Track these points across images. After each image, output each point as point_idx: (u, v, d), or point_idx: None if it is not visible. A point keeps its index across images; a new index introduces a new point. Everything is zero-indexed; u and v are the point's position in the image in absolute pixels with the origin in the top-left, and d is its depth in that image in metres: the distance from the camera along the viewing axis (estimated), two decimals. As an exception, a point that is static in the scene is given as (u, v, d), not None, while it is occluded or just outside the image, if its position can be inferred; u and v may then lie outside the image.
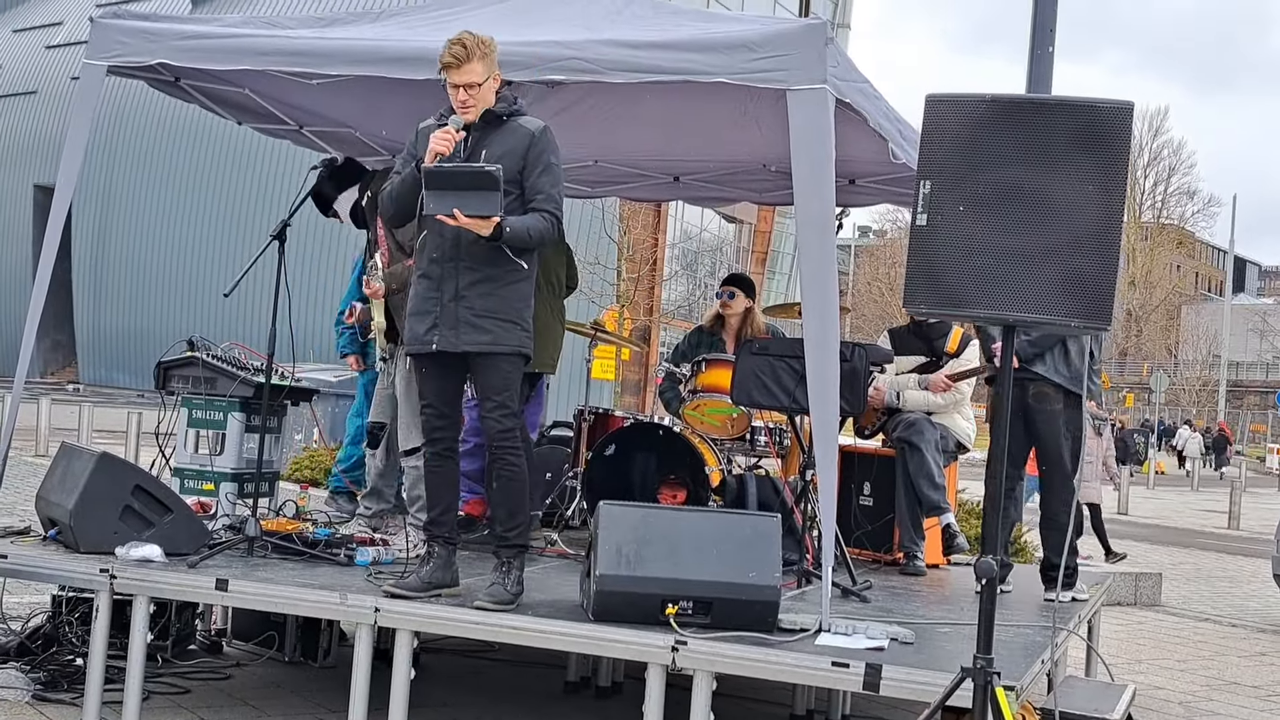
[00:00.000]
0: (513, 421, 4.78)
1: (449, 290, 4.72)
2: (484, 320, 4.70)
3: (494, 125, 4.78)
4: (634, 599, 4.47)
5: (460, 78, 4.69)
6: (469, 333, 4.70)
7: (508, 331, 4.73)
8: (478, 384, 4.82)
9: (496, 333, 4.71)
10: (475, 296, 4.70)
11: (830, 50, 4.83)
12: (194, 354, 6.05)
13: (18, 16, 51.94)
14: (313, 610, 4.98)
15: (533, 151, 4.73)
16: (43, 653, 5.48)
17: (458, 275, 4.71)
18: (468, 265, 4.70)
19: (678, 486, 6.67)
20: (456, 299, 4.71)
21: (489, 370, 4.75)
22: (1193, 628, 10.18)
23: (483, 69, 4.70)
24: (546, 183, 4.73)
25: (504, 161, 4.68)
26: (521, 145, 4.74)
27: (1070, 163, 3.60)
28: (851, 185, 7.44)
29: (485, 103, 4.75)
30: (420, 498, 5.57)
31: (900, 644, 4.51)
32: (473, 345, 4.70)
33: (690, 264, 39.61)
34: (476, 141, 4.76)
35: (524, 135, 4.75)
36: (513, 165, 4.71)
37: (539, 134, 4.77)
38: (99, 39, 5.70)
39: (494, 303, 4.71)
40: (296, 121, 7.22)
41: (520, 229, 4.65)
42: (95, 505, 5.16)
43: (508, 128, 4.78)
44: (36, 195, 45.63)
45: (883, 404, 6.99)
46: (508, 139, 4.75)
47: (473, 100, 4.72)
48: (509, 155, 4.71)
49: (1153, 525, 20.81)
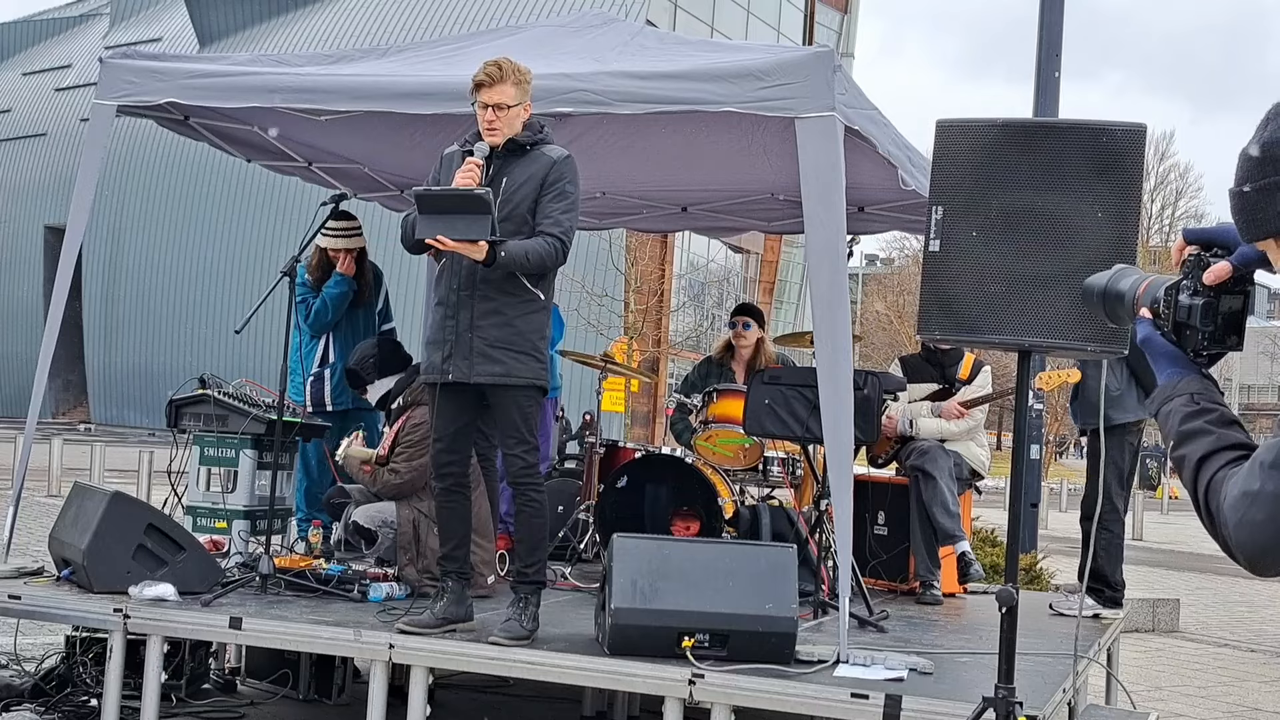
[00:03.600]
0: (534, 457, 4.74)
1: (464, 320, 4.67)
2: (497, 351, 4.65)
3: (517, 154, 4.75)
4: (650, 632, 4.43)
5: (490, 97, 4.65)
6: (482, 364, 4.65)
7: (521, 363, 4.68)
8: (496, 420, 4.79)
9: (509, 364, 4.66)
10: (489, 327, 4.66)
11: (838, 78, 4.83)
12: (206, 392, 6.03)
13: (27, 59, 52.36)
14: (327, 647, 4.95)
15: (549, 177, 4.69)
16: (57, 694, 5.45)
17: (473, 304, 4.66)
18: (482, 294, 4.66)
19: (691, 518, 6.63)
20: (471, 329, 4.66)
21: (505, 405, 4.72)
22: (1212, 653, 10.09)
23: (515, 93, 4.67)
24: (556, 208, 4.68)
25: (523, 189, 4.67)
26: (541, 172, 4.70)
27: (1083, 186, 3.59)
28: (860, 213, 7.44)
29: (512, 129, 4.70)
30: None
31: (919, 674, 4.46)
32: (486, 377, 4.67)
33: (697, 295, 39.66)
34: (499, 170, 4.72)
35: (545, 163, 4.72)
36: (530, 192, 4.68)
37: (559, 161, 4.72)
38: (108, 79, 5.72)
39: (508, 333, 4.66)
40: (305, 158, 7.25)
41: (518, 253, 4.57)
42: (108, 545, 5.15)
43: (530, 156, 4.74)
44: (47, 236, 45.86)
45: (896, 433, 6.96)
46: (529, 166, 4.72)
47: (499, 122, 4.66)
48: (528, 183, 4.69)
49: (1168, 550, 20.68)
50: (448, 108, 5.35)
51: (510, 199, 4.68)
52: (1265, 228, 1.70)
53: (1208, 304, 1.83)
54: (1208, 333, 1.83)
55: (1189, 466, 1.76)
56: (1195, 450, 1.75)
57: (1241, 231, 1.74)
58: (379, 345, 6.30)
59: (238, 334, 5.78)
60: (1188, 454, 1.76)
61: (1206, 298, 1.83)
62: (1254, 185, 1.68)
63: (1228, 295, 1.84)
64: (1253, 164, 1.69)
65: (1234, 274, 1.82)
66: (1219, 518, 1.68)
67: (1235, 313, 1.85)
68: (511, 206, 4.67)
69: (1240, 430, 1.77)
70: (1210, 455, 1.74)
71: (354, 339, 6.95)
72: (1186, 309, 1.84)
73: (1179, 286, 1.86)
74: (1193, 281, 1.84)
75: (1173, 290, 1.86)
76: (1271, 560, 1.64)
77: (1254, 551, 1.65)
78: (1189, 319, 1.84)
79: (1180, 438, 1.78)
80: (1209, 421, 1.77)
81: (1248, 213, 1.71)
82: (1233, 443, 1.74)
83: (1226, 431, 1.76)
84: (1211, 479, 1.71)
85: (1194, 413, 1.79)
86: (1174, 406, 1.81)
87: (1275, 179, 1.66)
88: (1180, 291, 1.85)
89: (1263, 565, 1.65)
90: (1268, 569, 1.65)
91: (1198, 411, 1.79)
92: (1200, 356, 1.85)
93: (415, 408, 5.86)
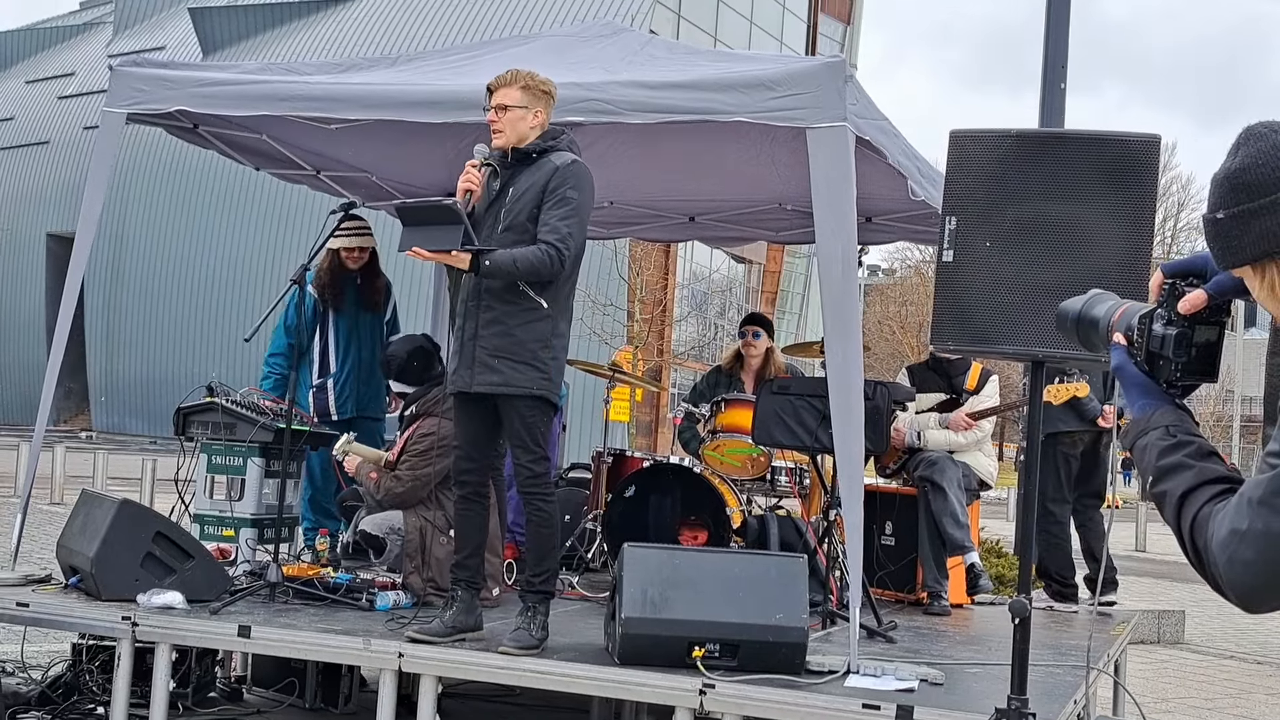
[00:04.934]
0: (540, 466, 4.74)
1: (469, 330, 4.72)
2: (495, 360, 4.66)
3: (524, 163, 4.76)
4: (660, 642, 4.42)
5: (495, 98, 4.71)
6: (482, 373, 4.68)
7: (519, 373, 4.66)
8: (504, 429, 4.81)
9: (507, 374, 4.66)
10: (490, 336, 4.67)
11: (849, 88, 4.83)
12: (213, 400, 6.03)
13: (31, 68, 52.44)
14: (336, 656, 4.94)
15: (551, 184, 4.69)
16: (64, 702, 5.43)
17: (478, 314, 4.70)
18: (486, 305, 4.68)
19: (698, 528, 6.62)
20: (475, 338, 4.69)
21: (509, 414, 4.74)
22: (1218, 665, 10.06)
23: (520, 97, 4.69)
24: (555, 215, 4.65)
25: (525, 196, 4.68)
26: (543, 180, 4.70)
27: (1097, 196, 3.59)
28: (868, 223, 7.43)
29: (515, 133, 4.72)
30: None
31: (930, 685, 4.45)
32: (485, 386, 4.68)
33: (700, 304, 39.66)
34: (506, 180, 4.75)
35: (548, 170, 4.72)
36: (532, 200, 4.68)
37: (562, 168, 4.71)
38: (118, 87, 5.73)
39: (507, 342, 4.66)
40: (314, 166, 7.25)
41: (504, 261, 4.56)
42: (117, 552, 5.14)
43: (537, 164, 4.75)
44: (50, 244, 45.90)
45: (904, 445, 6.95)
46: (533, 175, 4.73)
47: (501, 123, 4.70)
48: (530, 190, 4.70)
49: (1171, 562, 20.63)
50: (456, 117, 5.36)
51: (513, 208, 4.69)
52: (1241, 255, 1.65)
53: (1181, 334, 1.79)
54: (1180, 363, 1.79)
55: (1170, 503, 1.71)
56: (1176, 486, 1.70)
57: (1217, 259, 1.70)
58: (423, 350, 6.22)
59: (247, 342, 5.77)
60: (1169, 490, 1.71)
61: (1180, 327, 1.79)
62: (1227, 212, 1.64)
63: (1203, 325, 1.80)
64: (1225, 190, 1.64)
65: (1210, 303, 1.78)
66: (1207, 556, 1.64)
67: (1210, 344, 1.81)
68: (514, 215, 4.68)
69: (1219, 462, 1.72)
70: (1192, 491, 1.69)
71: (360, 346, 6.94)
72: (1160, 338, 1.80)
73: (1153, 315, 1.82)
74: (1167, 310, 1.80)
75: (1146, 319, 1.81)
76: (1264, 598, 1.60)
77: (1245, 591, 1.61)
78: (1162, 349, 1.79)
79: (1159, 473, 1.73)
80: (1188, 455, 1.72)
81: (1222, 239, 1.66)
82: (1214, 476, 1.69)
83: (1206, 465, 1.71)
84: (1196, 515, 1.66)
85: (1171, 446, 1.74)
86: (1150, 440, 1.76)
87: (1249, 205, 1.61)
88: (1154, 320, 1.81)
89: (1256, 603, 1.61)
90: (1261, 606, 1.61)
91: (1175, 445, 1.74)
92: (1174, 388, 1.81)
93: (424, 418, 5.86)
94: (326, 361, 6.94)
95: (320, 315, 6.90)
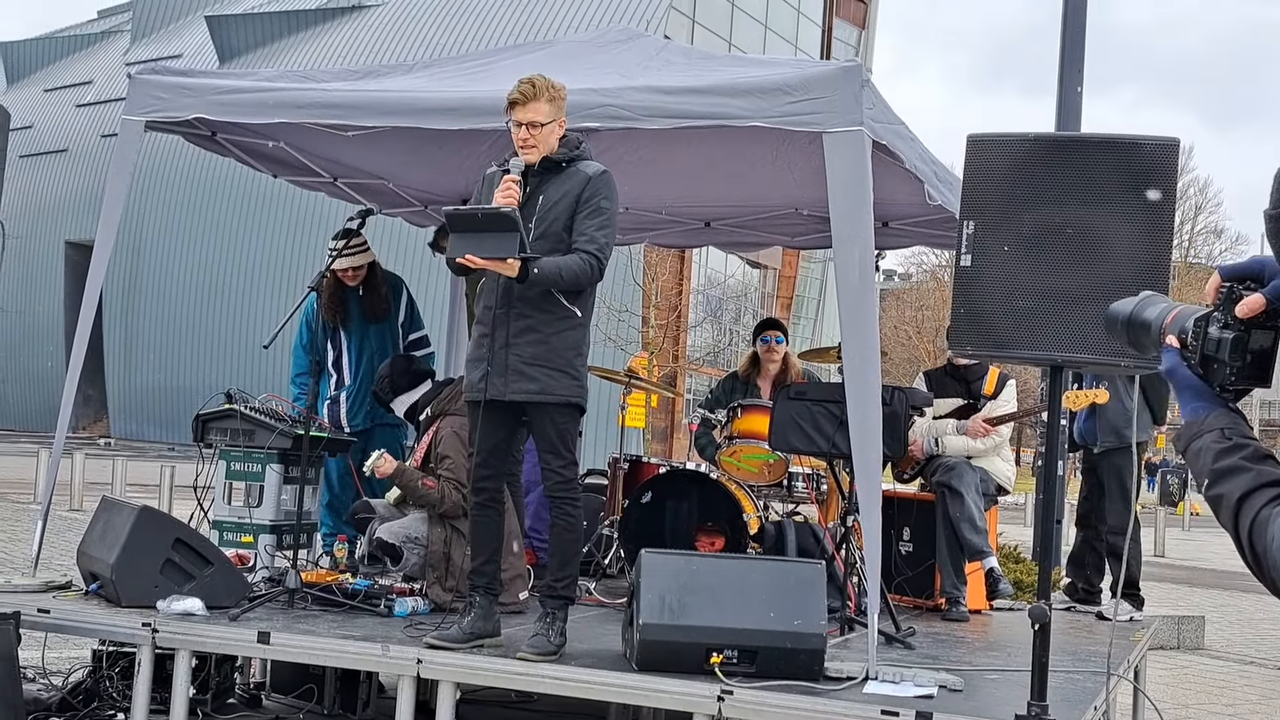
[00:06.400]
0: (571, 472, 4.75)
1: (500, 337, 4.67)
2: (533, 369, 4.65)
3: (553, 171, 4.74)
4: (678, 648, 4.42)
5: (524, 115, 4.65)
6: (518, 381, 4.66)
7: (556, 380, 4.67)
8: (534, 436, 4.81)
9: (545, 382, 4.66)
10: (525, 344, 4.66)
11: (866, 92, 4.82)
12: (232, 406, 6.05)
13: (49, 76, 52.75)
14: (355, 662, 4.95)
15: (585, 193, 4.68)
16: (84, 708, 5.45)
17: (509, 322, 4.66)
18: (519, 312, 4.66)
19: (715, 534, 6.61)
20: (507, 346, 4.66)
21: (542, 422, 4.73)
22: (1238, 671, 10.01)
23: (549, 110, 4.67)
24: (592, 225, 4.67)
25: (559, 205, 4.66)
26: (576, 189, 4.69)
27: (1116, 201, 3.58)
28: (885, 228, 7.42)
29: (547, 146, 4.70)
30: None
31: (949, 691, 4.43)
32: (521, 394, 4.67)
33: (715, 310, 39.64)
34: (535, 188, 4.72)
35: (580, 179, 4.71)
36: (566, 209, 4.67)
37: (594, 177, 4.71)
38: (137, 95, 5.75)
39: (543, 350, 4.66)
40: (330, 174, 7.27)
41: (550, 269, 4.56)
42: (136, 559, 5.16)
43: (566, 173, 4.74)
44: (68, 251, 46.14)
45: (923, 454, 6.94)
46: (565, 184, 4.72)
47: (534, 140, 4.66)
48: (564, 200, 4.68)
49: (1191, 567, 20.55)
50: (473, 123, 5.37)
51: (546, 216, 4.68)
52: None
53: (1238, 338, 1.76)
54: (1235, 368, 1.76)
55: (1228, 506, 1.69)
56: (1234, 489, 1.68)
57: (1277, 254, 1.68)
58: (391, 365, 6.30)
59: (265, 349, 5.79)
60: (1225, 493, 1.69)
61: (1237, 331, 1.76)
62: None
63: (1259, 330, 1.77)
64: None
65: (1269, 307, 1.75)
66: (1266, 559, 1.62)
67: (1265, 349, 1.78)
68: (547, 224, 4.67)
69: (1275, 464, 1.70)
70: (1251, 493, 1.66)
71: (371, 357, 6.94)
72: (1215, 342, 1.77)
73: (1209, 318, 1.79)
74: (1224, 314, 1.78)
75: (1202, 321, 1.79)
76: None
77: None
78: (1217, 352, 1.77)
79: (1215, 476, 1.71)
80: (1244, 458, 1.70)
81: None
82: (1273, 479, 1.67)
83: (1263, 468, 1.69)
84: (1255, 518, 1.64)
85: (1227, 449, 1.72)
86: (1205, 443, 1.74)
87: None
88: (1210, 323, 1.78)
89: None
90: None
91: (1231, 448, 1.72)
92: (1227, 392, 1.79)
93: (444, 418, 5.86)
94: (341, 375, 6.97)
95: (331, 330, 6.93)
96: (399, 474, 5.74)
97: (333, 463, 6.76)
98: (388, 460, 5.76)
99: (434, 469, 5.79)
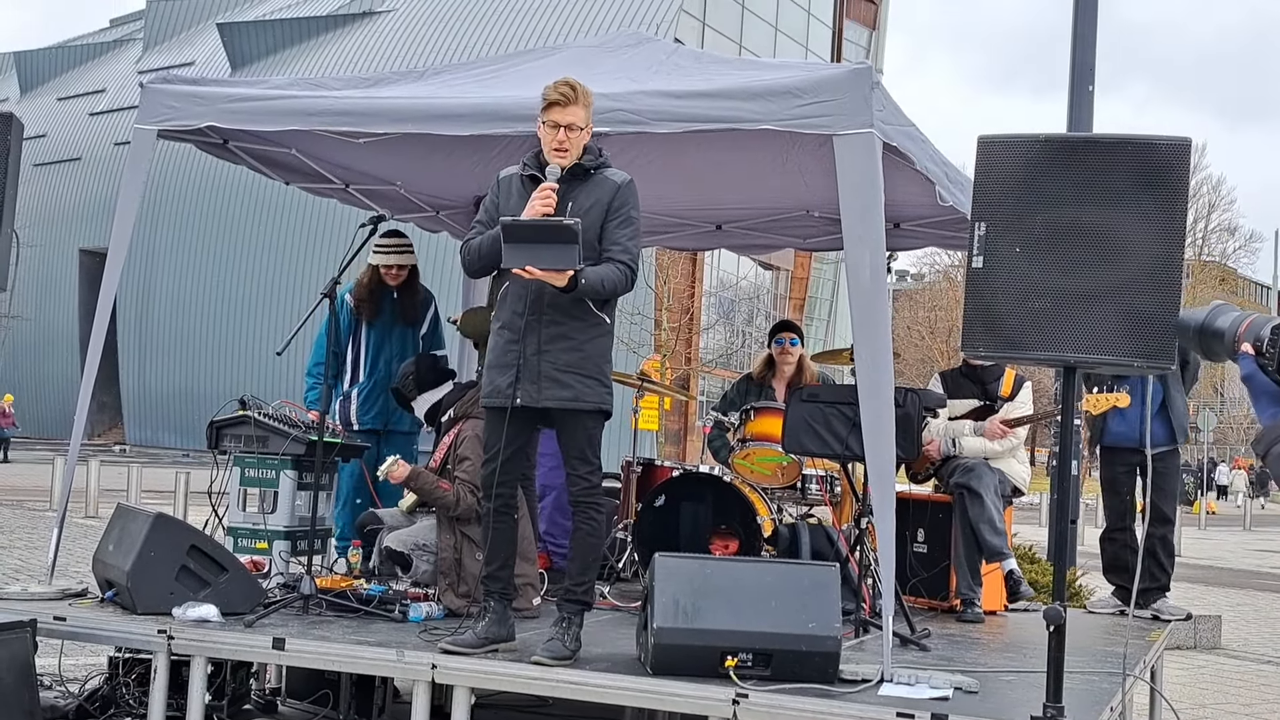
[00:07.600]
0: (596, 478, 4.76)
1: (531, 344, 4.66)
2: (567, 376, 4.65)
3: (581, 178, 4.73)
4: (693, 651, 4.42)
5: (563, 117, 4.64)
6: (551, 388, 4.65)
7: (590, 388, 4.68)
8: (561, 441, 4.80)
9: (579, 389, 4.66)
10: (558, 351, 4.65)
11: (876, 94, 4.82)
12: (246, 413, 6.06)
13: (62, 85, 52.98)
14: (370, 668, 4.95)
15: (615, 202, 4.69)
16: (101, 715, 5.47)
17: (540, 328, 4.65)
18: (550, 319, 4.65)
19: (729, 537, 6.61)
20: (539, 353, 4.65)
21: (572, 428, 4.73)
22: (1255, 670, 9.97)
23: (584, 115, 4.68)
24: (624, 234, 4.68)
25: (590, 214, 4.65)
26: (606, 197, 4.70)
27: (1128, 201, 3.58)
28: (896, 229, 7.41)
29: (578, 151, 4.70)
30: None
31: (965, 693, 4.43)
32: (554, 401, 4.66)
33: (727, 312, 39.63)
34: (564, 195, 4.68)
35: (610, 188, 4.72)
36: (597, 218, 4.67)
37: (624, 186, 4.73)
38: (149, 104, 5.77)
39: (577, 358, 4.66)
40: (342, 180, 7.29)
41: (595, 280, 4.59)
42: (152, 566, 5.17)
43: (594, 180, 4.74)
44: (82, 259, 46.34)
45: (939, 455, 6.92)
46: (594, 191, 4.72)
47: (570, 144, 4.65)
48: (595, 208, 4.68)
49: (1207, 567, 20.46)
50: (484, 128, 5.38)
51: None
52: None
53: None
54: None
55: None
56: None
57: None
58: (417, 362, 6.32)
59: (278, 355, 5.81)
60: None
61: None
62: None
63: None
64: None
65: None
66: None
67: None
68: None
69: None
70: None
71: (389, 358, 6.96)
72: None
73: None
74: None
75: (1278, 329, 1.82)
76: None
77: None
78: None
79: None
80: None
81: None
82: None
83: None
84: None
85: None
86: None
87: None
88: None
89: None
90: None
91: None
92: None
93: (467, 420, 5.86)
94: (356, 372, 7.00)
95: (353, 326, 6.97)
96: (414, 477, 5.75)
97: (345, 468, 6.77)
98: (401, 465, 5.77)
99: (451, 470, 5.79)
